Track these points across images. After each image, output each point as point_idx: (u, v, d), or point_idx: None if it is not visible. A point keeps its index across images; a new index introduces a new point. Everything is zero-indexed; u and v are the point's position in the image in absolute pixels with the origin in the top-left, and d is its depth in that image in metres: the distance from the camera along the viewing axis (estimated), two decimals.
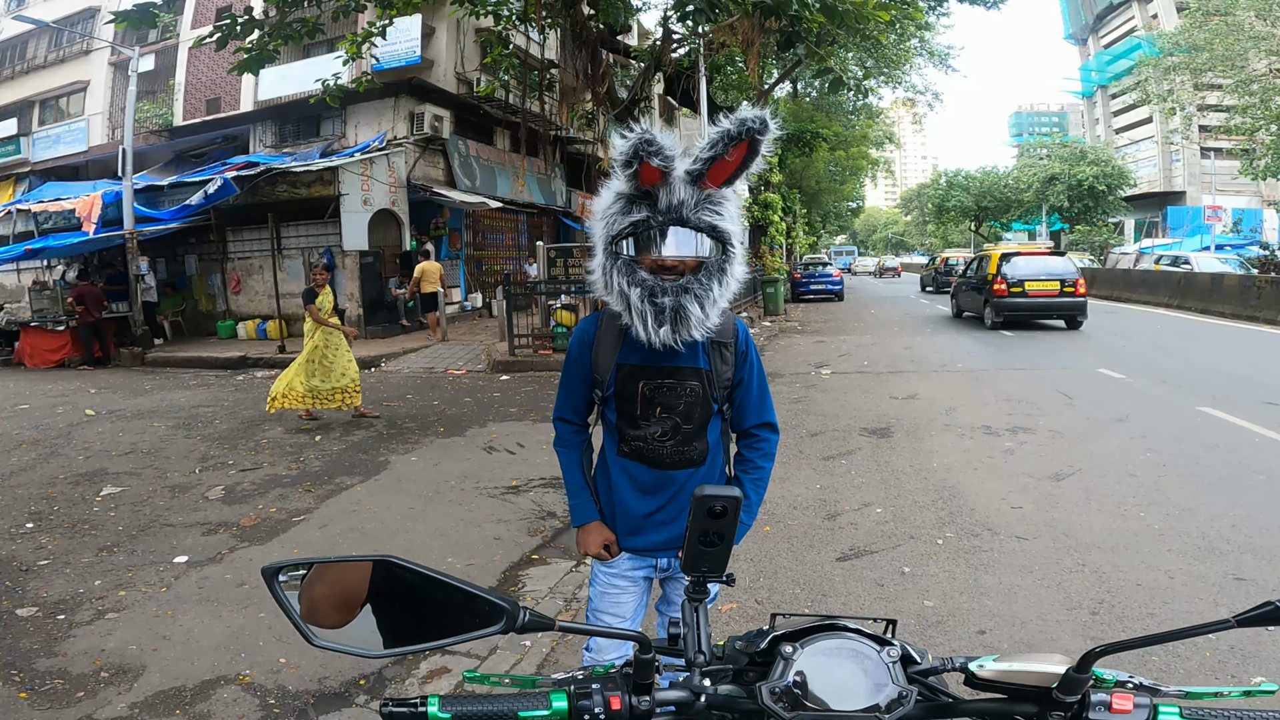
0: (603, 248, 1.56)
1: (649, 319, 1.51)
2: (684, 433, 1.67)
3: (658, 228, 1.49)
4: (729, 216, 1.53)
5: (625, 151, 1.42)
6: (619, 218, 1.52)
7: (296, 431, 6.75)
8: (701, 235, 1.51)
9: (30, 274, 16.05)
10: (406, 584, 0.81)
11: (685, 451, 1.69)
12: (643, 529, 1.73)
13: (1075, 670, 0.75)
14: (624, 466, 1.72)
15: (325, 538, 4.19)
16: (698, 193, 1.49)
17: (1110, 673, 0.78)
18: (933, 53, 22.50)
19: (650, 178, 1.46)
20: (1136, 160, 47.39)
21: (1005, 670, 0.80)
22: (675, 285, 1.51)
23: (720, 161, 1.44)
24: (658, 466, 1.70)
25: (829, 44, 9.36)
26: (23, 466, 5.79)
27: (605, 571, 1.80)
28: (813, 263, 26.88)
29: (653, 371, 1.63)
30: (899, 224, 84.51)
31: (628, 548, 1.76)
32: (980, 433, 6.06)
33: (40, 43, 21.46)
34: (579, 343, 1.73)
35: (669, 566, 1.78)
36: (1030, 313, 13.34)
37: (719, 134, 1.42)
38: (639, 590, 1.81)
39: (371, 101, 15.08)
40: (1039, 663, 0.79)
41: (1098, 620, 2.99)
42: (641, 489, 1.72)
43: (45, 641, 3.05)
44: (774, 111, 5.54)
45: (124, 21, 7.25)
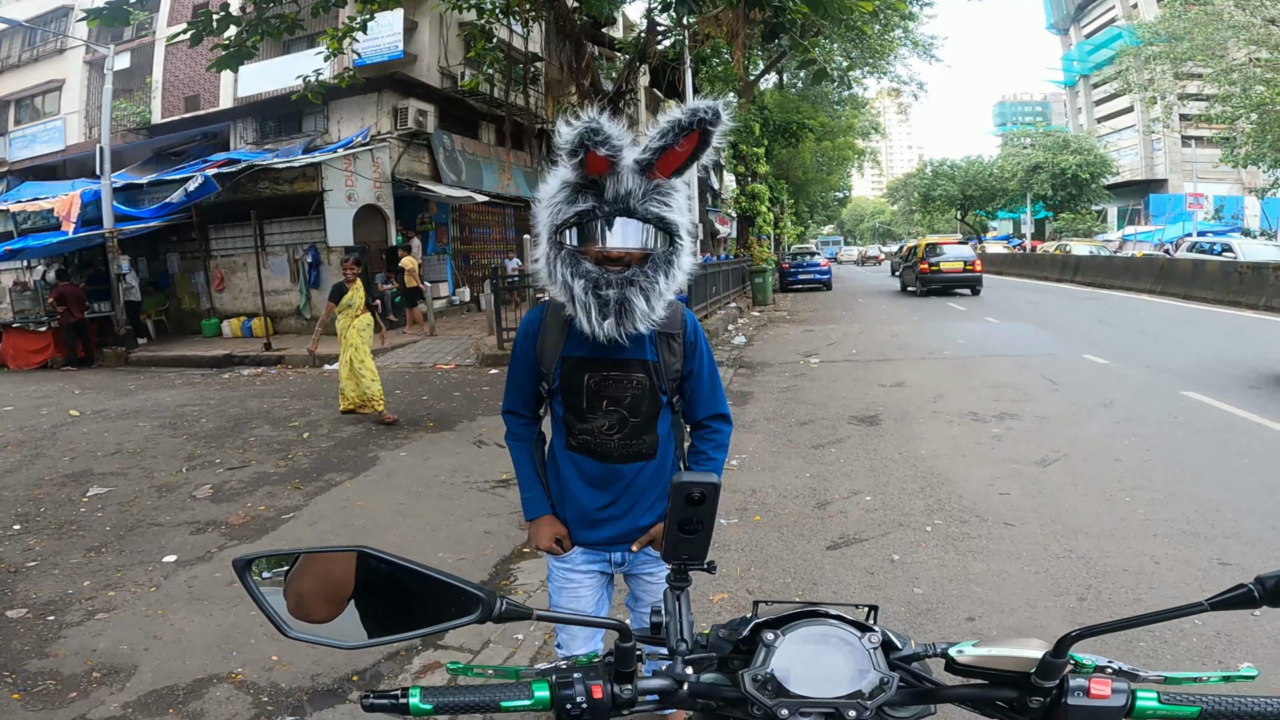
0: (547, 237, 1.51)
1: (593, 311, 1.47)
2: (631, 426, 1.65)
3: (603, 218, 1.45)
4: (677, 207, 1.50)
5: (571, 140, 1.37)
6: (564, 207, 1.47)
7: (287, 428, 6.71)
8: (648, 226, 1.47)
9: (10, 274, 15.82)
10: (387, 576, 0.80)
11: (633, 445, 1.66)
12: (593, 523, 1.71)
13: (1052, 655, 0.75)
14: (573, 460, 1.70)
15: (315, 535, 4.18)
16: (646, 183, 1.45)
17: (1089, 658, 0.79)
18: (916, 43, 22.57)
19: (597, 167, 1.42)
20: (1119, 149, 47.82)
21: (984, 655, 0.81)
22: (620, 277, 1.47)
23: (670, 152, 1.41)
24: (606, 460, 1.67)
25: (813, 35, 9.35)
26: (8, 468, 5.72)
27: (559, 566, 1.78)
28: (801, 252, 26.97)
29: (598, 364, 1.60)
30: (886, 213, 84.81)
31: (579, 541, 1.74)
32: (968, 419, 6.11)
33: (13, 42, 21.07)
34: (524, 335, 1.71)
35: (623, 561, 1.76)
36: (943, 283, 18.62)
37: (669, 124, 1.38)
38: (596, 584, 1.79)
39: (354, 97, 14.93)
40: (1017, 648, 0.79)
41: (1085, 606, 3.02)
42: (591, 482, 1.69)
43: (36, 643, 3.03)
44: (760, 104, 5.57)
45: (97, 19, 7.11)
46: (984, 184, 47.26)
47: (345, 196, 13.47)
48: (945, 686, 0.83)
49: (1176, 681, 0.78)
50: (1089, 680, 0.76)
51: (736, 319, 14.30)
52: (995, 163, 48.19)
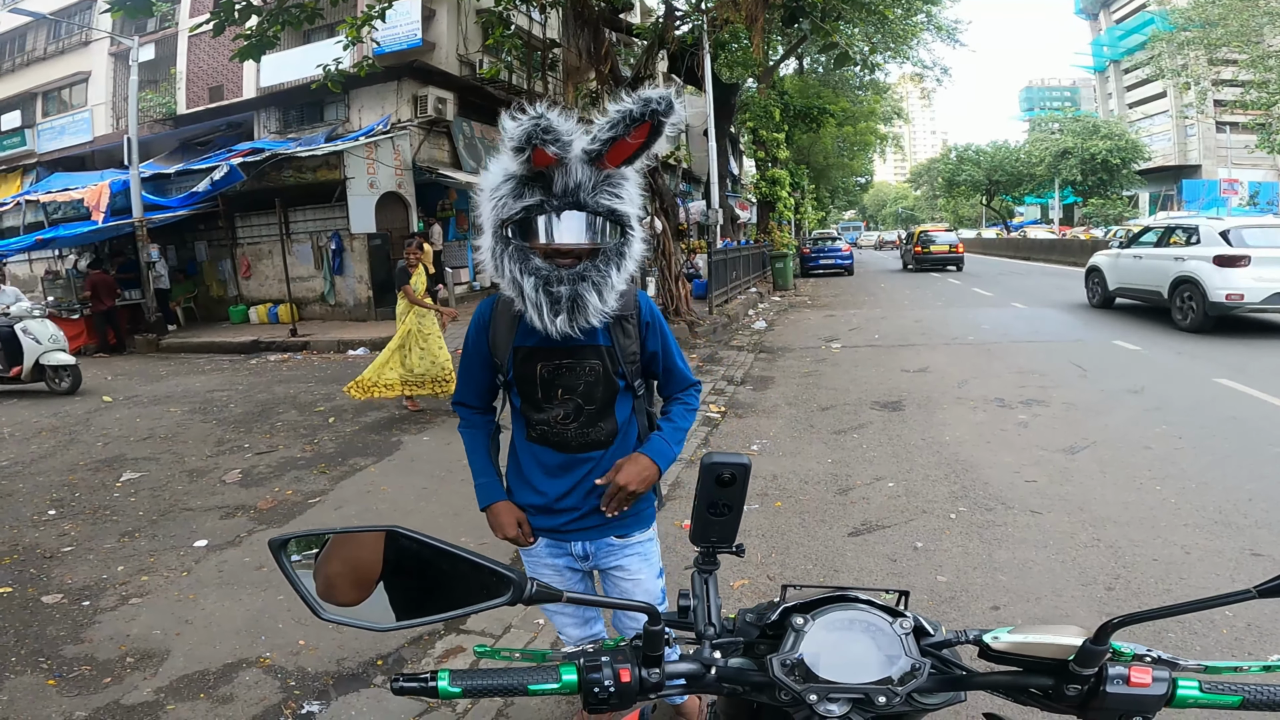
0: (491, 231, 1.46)
1: (544, 309, 1.43)
2: (587, 413, 1.62)
3: (552, 211, 1.41)
4: (628, 198, 1.46)
5: (518, 137, 1.32)
6: (509, 201, 1.42)
7: (313, 413, 6.80)
8: (599, 219, 1.43)
9: (42, 264, 16.17)
10: (415, 556, 0.80)
11: (590, 433, 1.64)
12: (552, 512, 1.69)
13: (1092, 642, 0.74)
14: (532, 451, 1.68)
15: (340, 519, 4.24)
16: (595, 174, 1.41)
17: (1128, 646, 0.78)
18: (940, 27, 22.11)
19: (544, 160, 1.37)
20: (1150, 134, 46.68)
21: (1020, 642, 0.80)
22: (572, 273, 1.43)
23: (620, 142, 1.36)
24: (565, 450, 1.65)
25: (834, 19, 9.20)
26: (43, 454, 5.87)
27: (529, 560, 1.77)
28: (822, 237, 26.69)
29: (550, 353, 1.57)
30: (909, 199, 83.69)
31: (540, 528, 1.72)
32: (993, 405, 6.03)
33: (39, 35, 21.37)
34: (476, 326, 1.68)
35: (585, 553, 1.73)
36: (932, 262, 23.52)
37: (620, 113, 1.34)
38: (564, 581, 1.77)
39: (374, 85, 14.97)
40: (1055, 634, 0.78)
41: (1113, 596, 2.98)
42: (550, 472, 1.67)
43: (71, 628, 3.09)
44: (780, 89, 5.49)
45: (119, 10, 7.16)
46: (1010, 169, 46.42)
47: (367, 184, 13.58)
48: (977, 673, 0.82)
49: (1217, 670, 0.77)
50: (1129, 668, 0.75)
51: (757, 304, 14.22)
52: (1022, 148, 47.30)
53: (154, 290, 13.22)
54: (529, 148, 1.33)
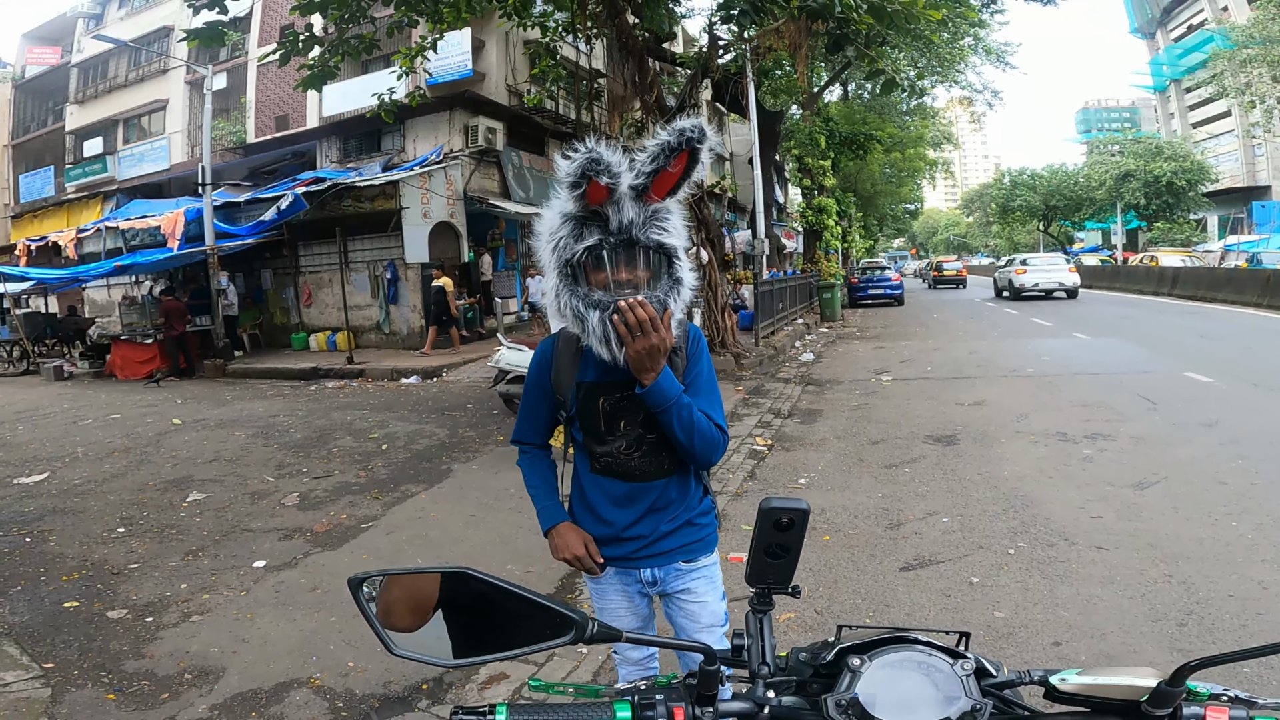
0: (555, 271, 1.55)
1: (611, 339, 1.50)
2: (649, 443, 1.65)
3: (610, 249, 1.50)
4: (674, 231, 1.54)
5: (572, 172, 1.42)
6: (570, 242, 1.52)
7: (367, 440, 6.99)
8: (651, 253, 1.52)
9: (120, 289, 17.08)
10: (478, 594, 0.83)
11: (654, 461, 1.67)
12: (622, 540, 1.71)
13: (1168, 684, 0.72)
14: (597, 483, 1.71)
15: (391, 544, 4.32)
16: (644, 209, 1.50)
17: (1204, 685, 0.76)
18: (989, 50, 21.83)
19: (597, 196, 1.46)
20: (1217, 155, 44.86)
21: (1091, 684, 0.78)
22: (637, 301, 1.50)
23: (663, 174, 1.45)
24: (630, 479, 1.68)
25: (879, 44, 9.17)
26: (115, 473, 6.16)
27: (595, 588, 1.79)
28: (870, 267, 26.33)
29: (610, 386, 1.62)
30: (960, 225, 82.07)
31: (609, 558, 1.73)
32: (1055, 440, 5.81)
33: (120, 62, 22.49)
34: (538, 365, 1.74)
35: (654, 579, 1.75)
36: (943, 283, 33.51)
37: (658, 146, 1.42)
38: (635, 605, 1.78)
39: (428, 115, 15.53)
40: (1127, 676, 0.77)
41: (1185, 632, 2.84)
42: (618, 502, 1.70)
43: (134, 643, 3.20)
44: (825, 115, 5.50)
45: (195, 39, 7.61)
46: (1069, 193, 45.09)
47: (421, 214, 14.01)
48: (1042, 714, 0.81)
49: None
50: (1204, 708, 0.73)
51: (804, 335, 14.07)
52: (1081, 171, 45.94)
53: (223, 317, 13.82)
54: (584, 181, 1.42)
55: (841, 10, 6.72)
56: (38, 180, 24.28)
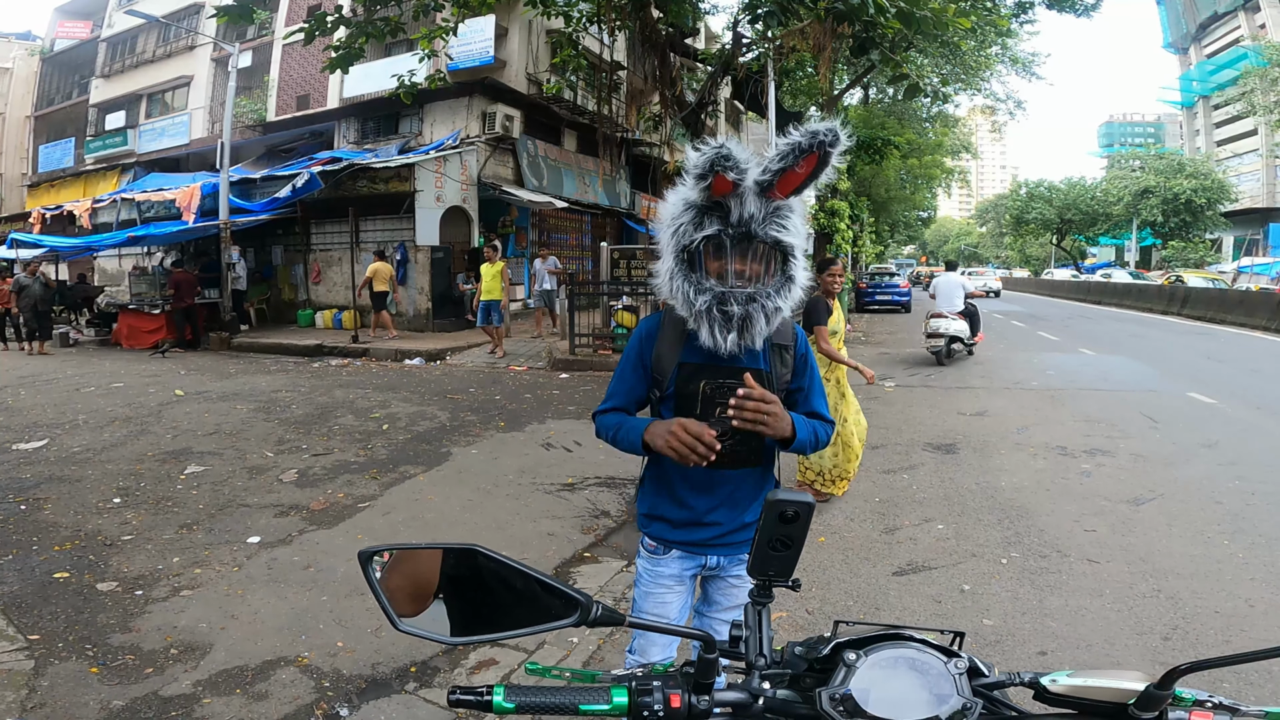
0: (672, 255, 1.59)
1: (717, 326, 1.55)
2: (741, 432, 1.68)
3: (730, 240, 1.54)
4: (793, 229, 1.57)
5: (701, 165, 1.45)
6: (690, 229, 1.56)
7: (369, 419, 7.02)
8: (768, 248, 1.56)
9: (131, 259, 17.17)
10: (484, 573, 0.84)
11: (742, 451, 1.70)
12: (697, 525, 1.75)
13: (1156, 687, 0.74)
14: (679, 465, 1.72)
15: (388, 525, 4.34)
16: (766, 205, 1.53)
17: (1189, 691, 0.77)
18: (1016, 59, 21.65)
19: (722, 188, 1.49)
20: (1239, 174, 44.43)
21: (1079, 685, 0.80)
22: (744, 294, 1.54)
23: (789, 173, 1.47)
24: (714, 465, 1.69)
25: (904, 49, 9.12)
26: (115, 442, 6.19)
27: (651, 571, 1.80)
28: (879, 273, 26.20)
29: (715, 371, 1.65)
30: (973, 235, 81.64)
31: (680, 542, 1.77)
32: (1054, 453, 5.79)
33: (149, 38, 22.61)
34: (640, 339, 1.76)
35: (718, 564, 1.79)
36: None
37: (789, 146, 1.44)
38: (684, 590, 1.81)
39: (447, 100, 15.56)
40: (1116, 679, 0.78)
41: (1169, 645, 2.87)
42: (696, 487, 1.73)
43: (121, 617, 3.17)
44: (844, 119, 5.47)
45: (225, 15, 7.64)
46: (1085, 207, 44.75)
47: (434, 197, 14.05)
48: (1031, 715, 0.82)
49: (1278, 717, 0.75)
50: (1190, 713, 0.75)
51: None
52: (1099, 185, 45.57)
53: (231, 291, 13.88)
54: (711, 174, 1.45)
55: (870, 14, 6.68)
56: (57, 151, 24.44)
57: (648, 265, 5.70)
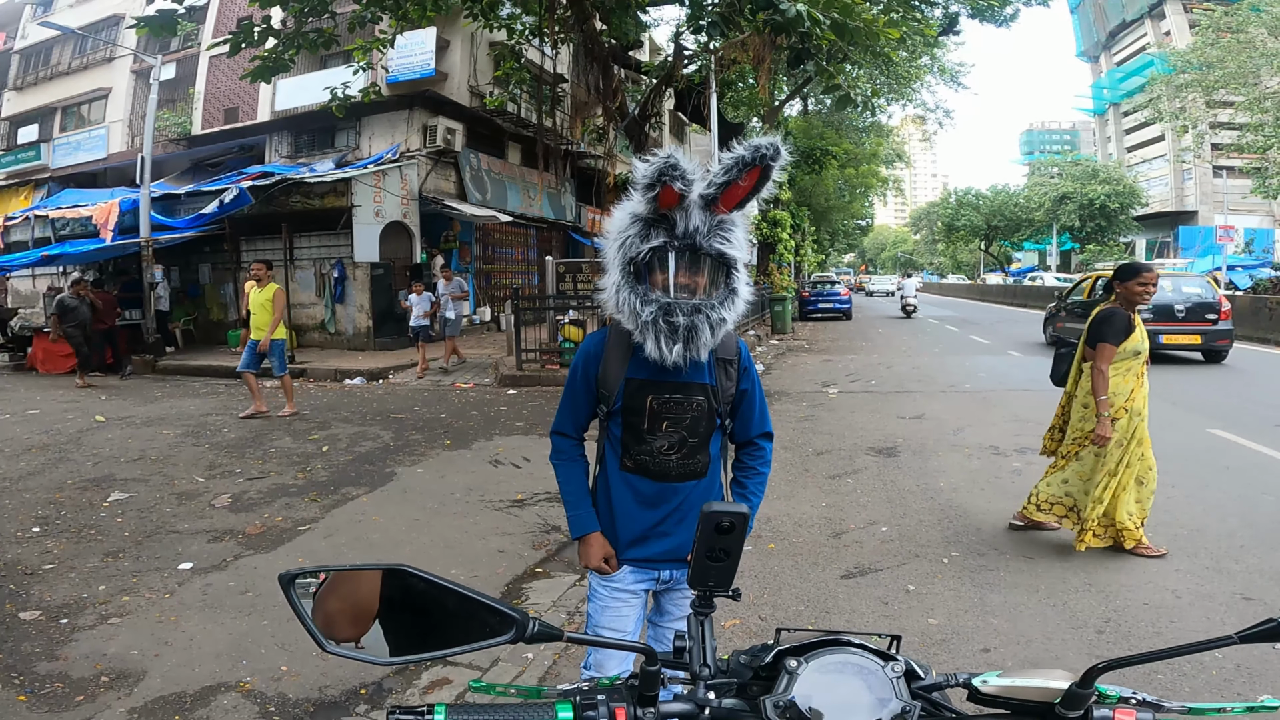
0: (619, 268, 1.61)
1: (663, 337, 1.56)
2: (690, 446, 1.72)
3: (674, 251, 1.56)
4: (736, 242, 1.59)
5: (649, 175, 1.47)
6: (636, 241, 1.57)
7: (307, 440, 6.78)
8: (711, 261, 1.58)
9: (45, 280, 16.23)
10: (417, 592, 0.82)
11: (690, 464, 1.73)
12: (645, 540, 1.76)
13: (1078, 686, 0.76)
14: (626, 480, 1.75)
15: (330, 547, 4.20)
16: (710, 218, 1.55)
17: (1114, 689, 0.79)
18: (944, 70, 22.61)
19: (669, 200, 1.51)
20: (1149, 179, 47.21)
21: (1008, 685, 0.82)
22: (690, 305, 1.56)
23: (733, 186, 1.50)
24: (663, 479, 1.73)
25: (839, 61, 9.44)
26: (31, 471, 5.83)
27: (606, 586, 1.80)
28: (821, 281, 26.88)
29: (662, 386, 1.68)
30: (908, 243, 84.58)
31: (630, 559, 1.78)
32: (988, 453, 6.03)
33: (65, 49, 21.66)
34: (585, 357, 1.77)
35: (671, 578, 1.80)
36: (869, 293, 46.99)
37: (733, 160, 1.47)
38: (639, 603, 1.82)
39: (386, 113, 15.27)
40: (1042, 678, 0.80)
41: (1103, 639, 2.99)
42: (644, 501, 1.74)
43: (47, 645, 3.05)
44: (784, 129, 5.57)
45: (145, 27, 7.31)
46: (1010, 214, 46.91)
47: (373, 213, 13.73)
48: (967, 715, 0.83)
49: (1201, 713, 0.78)
50: (1114, 711, 0.77)
51: (754, 347, 14.26)
52: (1021, 192, 47.82)
53: (155, 311, 13.24)
54: (659, 184, 1.47)
55: (805, 26, 6.88)
56: None
57: (594, 279, 5.70)
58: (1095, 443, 3.79)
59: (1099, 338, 3.78)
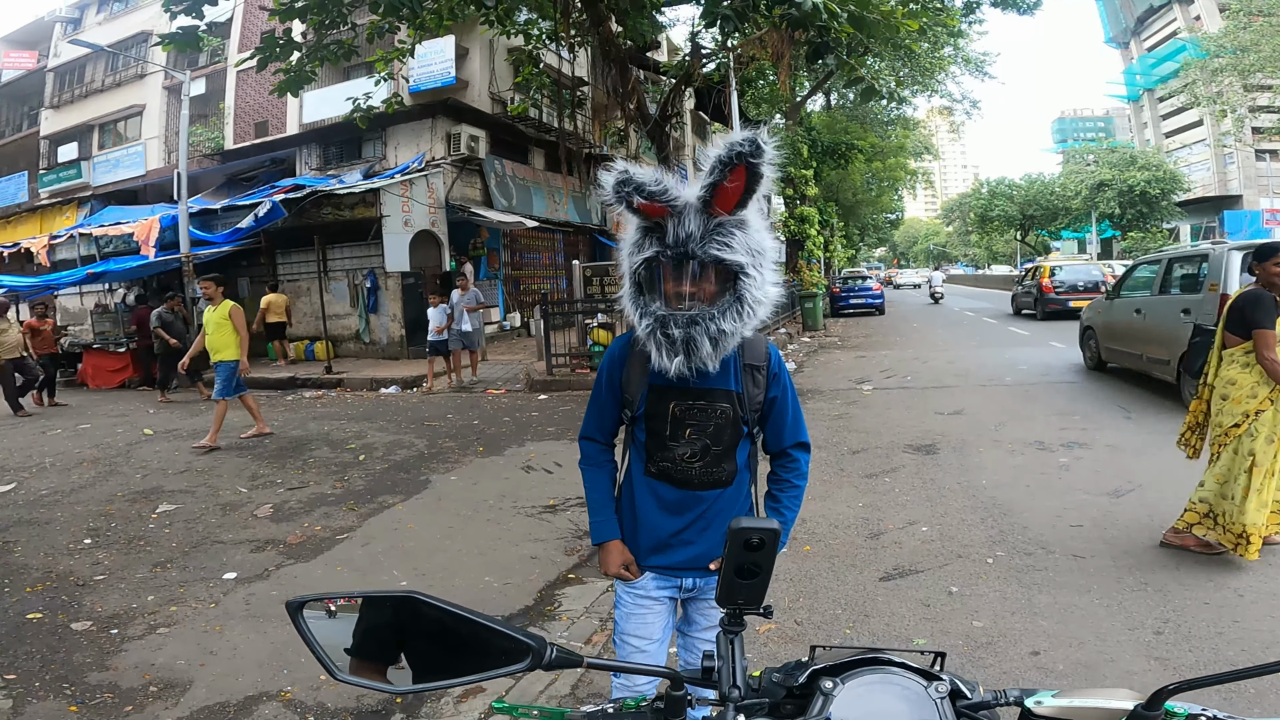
0: (628, 278, 1.60)
1: (663, 349, 1.53)
2: (713, 454, 1.68)
3: (667, 262, 1.51)
4: (739, 246, 1.49)
5: (609, 195, 1.45)
6: (635, 252, 1.55)
7: (344, 450, 6.89)
8: (709, 267, 1.51)
9: (92, 297, 16.76)
10: (435, 621, 0.81)
11: (714, 472, 1.69)
12: (668, 547, 1.73)
13: (1145, 707, 0.72)
14: (650, 486, 1.72)
15: (367, 556, 4.25)
16: (707, 222, 1.48)
17: (1182, 706, 0.75)
18: (968, 60, 22.21)
19: (654, 211, 1.47)
20: (1189, 164, 45.76)
21: (1066, 706, 0.77)
22: (685, 317, 1.51)
23: (722, 188, 1.43)
24: (685, 487, 1.70)
25: (859, 54, 9.30)
26: (83, 484, 6.01)
27: (630, 592, 1.79)
28: (852, 276, 26.54)
29: (684, 393, 1.64)
30: (940, 235, 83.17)
31: (652, 566, 1.75)
32: (1032, 449, 5.86)
33: (97, 66, 22.12)
34: (609, 363, 1.75)
35: (694, 586, 1.77)
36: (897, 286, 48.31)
37: (712, 160, 1.42)
38: (665, 610, 1.79)
39: (410, 123, 15.47)
40: (1104, 698, 0.76)
41: (1162, 640, 2.87)
42: (667, 508, 1.71)
43: (97, 655, 3.13)
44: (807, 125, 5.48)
45: (170, 44, 7.45)
46: (1045, 203, 45.87)
47: (402, 222, 13.91)
48: None
49: None
50: None
51: (785, 345, 14.12)
52: (1057, 181, 46.75)
53: (198, 325, 13.55)
54: (621, 202, 1.46)
55: (823, 19, 6.77)
56: (11, 186, 23.78)
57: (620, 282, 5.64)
58: None
59: (1252, 324, 3.40)
